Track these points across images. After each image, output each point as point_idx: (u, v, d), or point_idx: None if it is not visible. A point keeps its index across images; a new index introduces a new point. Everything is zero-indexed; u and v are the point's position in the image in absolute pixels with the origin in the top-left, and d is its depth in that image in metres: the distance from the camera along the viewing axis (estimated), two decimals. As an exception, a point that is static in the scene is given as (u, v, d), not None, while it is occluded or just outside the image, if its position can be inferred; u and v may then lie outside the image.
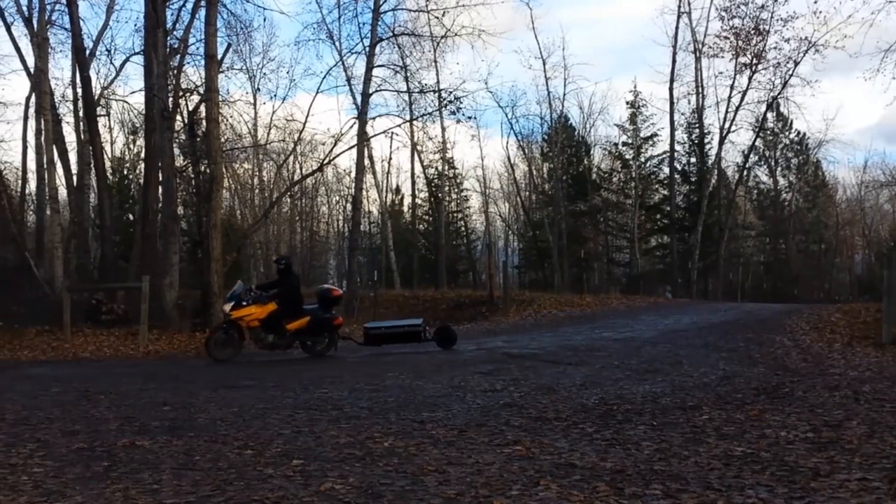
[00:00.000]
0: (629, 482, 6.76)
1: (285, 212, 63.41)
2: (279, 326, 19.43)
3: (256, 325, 19.37)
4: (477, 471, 7.26)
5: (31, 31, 34.22)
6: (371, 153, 50.28)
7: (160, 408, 11.31)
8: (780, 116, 62.54)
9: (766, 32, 49.76)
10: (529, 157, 63.68)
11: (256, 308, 19.38)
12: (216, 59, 27.01)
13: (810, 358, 15.51)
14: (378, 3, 39.28)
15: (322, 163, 39.22)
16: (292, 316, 19.48)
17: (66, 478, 7.31)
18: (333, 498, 6.50)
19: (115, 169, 55.08)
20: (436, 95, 42.98)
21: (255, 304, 19.44)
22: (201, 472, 7.45)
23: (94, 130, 32.92)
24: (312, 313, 19.62)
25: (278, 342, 19.57)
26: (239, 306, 19.34)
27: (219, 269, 25.64)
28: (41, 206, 37.29)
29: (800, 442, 8.18)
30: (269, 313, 19.38)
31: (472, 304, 34.20)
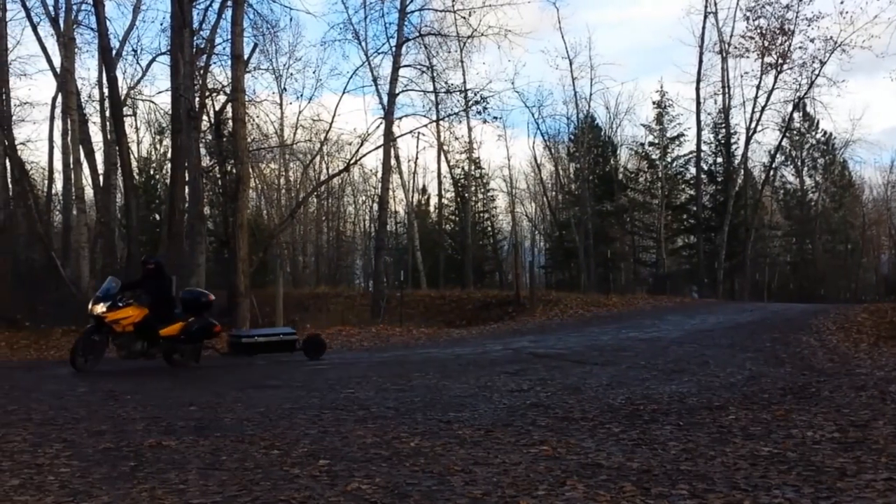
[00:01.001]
0: (655, 482, 6.75)
1: (312, 212, 63.40)
2: (153, 332, 17.65)
3: (131, 329, 17.40)
4: (503, 471, 7.25)
5: (57, 32, 34.32)
6: (397, 153, 50.38)
7: (186, 408, 11.32)
8: (807, 116, 62.42)
9: (792, 32, 49.71)
10: (556, 157, 63.57)
11: (134, 310, 17.52)
12: (242, 59, 27.06)
13: (837, 358, 15.47)
14: (404, 4, 39.21)
15: (348, 163, 39.17)
16: (165, 321, 17.79)
17: (93, 478, 7.32)
18: (360, 498, 6.50)
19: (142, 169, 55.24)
20: (462, 95, 43.09)
21: (131, 306, 17.58)
22: (228, 472, 7.46)
23: (121, 130, 32.97)
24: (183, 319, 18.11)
25: (149, 350, 17.76)
26: (115, 307, 17.34)
27: (245, 269, 25.68)
28: (67, 207, 37.48)
29: (826, 442, 8.17)
30: (144, 317, 17.50)
31: (498, 304, 34.14)
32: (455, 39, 45.57)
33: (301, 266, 62.82)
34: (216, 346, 19.68)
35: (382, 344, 22.95)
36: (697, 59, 53.42)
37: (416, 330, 26.89)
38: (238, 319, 24.91)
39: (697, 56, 53.47)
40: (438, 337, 24.49)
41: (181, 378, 15.43)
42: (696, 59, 53.75)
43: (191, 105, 27.44)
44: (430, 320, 31.83)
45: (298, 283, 53.66)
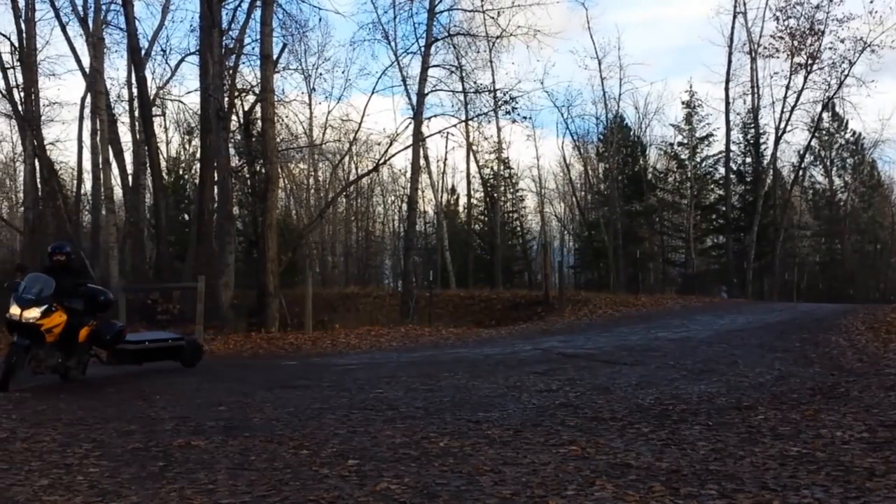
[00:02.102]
0: (684, 482, 6.75)
1: (341, 212, 63.52)
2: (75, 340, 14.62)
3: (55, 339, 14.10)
4: (532, 471, 7.26)
5: (86, 32, 34.51)
6: (426, 153, 50.32)
7: (215, 408, 11.35)
8: (836, 116, 62.22)
9: (822, 33, 49.63)
10: (585, 157, 63.68)
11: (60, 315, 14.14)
12: (272, 59, 27.14)
13: (866, 358, 15.39)
14: (433, 4, 39.20)
15: (377, 163, 39.34)
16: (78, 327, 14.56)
17: (122, 478, 7.36)
18: (389, 498, 6.51)
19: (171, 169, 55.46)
20: (491, 95, 43.16)
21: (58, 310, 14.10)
22: (257, 472, 7.48)
23: (150, 130, 33.14)
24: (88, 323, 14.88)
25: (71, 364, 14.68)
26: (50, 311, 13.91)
27: (274, 269, 25.74)
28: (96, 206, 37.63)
29: (855, 442, 8.14)
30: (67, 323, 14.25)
31: (527, 304, 34.12)
32: (484, 39, 45.69)
33: (330, 266, 62.93)
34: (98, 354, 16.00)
35: (411, 344, 22.93)
36: (726, 59, 53.61)
37: (445, 330, 26.87)
38: (267, 319, 24.98)
39: (726, 56, 53.64)
40: (467, 337, 24.47)
41: (210, 378, 15.42)
42: (725, 59, 53.88)
43: (220, 105, 27.52)
44: (459, 320, 31.83)
45: (327, 283, 53.68)
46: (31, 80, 35.52)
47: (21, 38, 35.24)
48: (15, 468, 7.82)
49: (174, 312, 27.61)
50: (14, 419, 10.60)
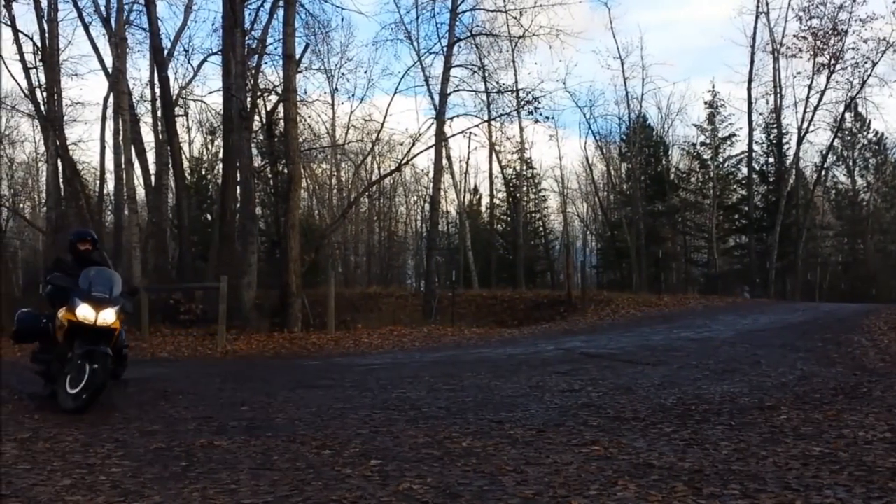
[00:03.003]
0: (707, 482, 6.75)
1: (363, 212, 63.50)
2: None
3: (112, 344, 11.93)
4: (555, 471, 7.27)
5: (109, 32, 34.56)
6: (449, 153, 50.27)
7: (238, 408, 11.38)
8: (858, 116, 62.00)
9: (844, 33, 49.47)
10: (607, 157, 63.58)
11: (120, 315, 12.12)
12: (294, 59, 27.18)
13: (888, 358, 15.37)
14: (456, 4, 39.20)
15: (400, 163, 39.33)
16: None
17: (144, 478, 7.39)
18: (411, 498, 6.53)
19: (194, 169, 55.53)
20: (514, 95, 43.21)
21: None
22: (279, 472, 7.51)
23: (172, 130, 33.21)
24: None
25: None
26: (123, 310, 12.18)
27: (297, 269, 25.77)
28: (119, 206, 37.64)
29: (878, 442, 8.14)
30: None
31: (550, 304, 34.11)
32: (506, 39, 45.73)
33: (353, 266, 62.94)
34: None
35: (434, 344, 22.93)
36: (749, 59, 53.47)
37: (467, 330, 26.87)
38: (290, 319, 25.03)
39: (749, 56, 53.51)
40: (490, 337, 24.47)
41: (232, 378, 15.44)
42: (748, 59, 53.83)
43: (242, 105, 27.57)
44: (481, 320, 31.83)
45: (350, 282, 53.72)
46: (54, 80, 35.67)
47: (44, 38, 35.40)
48: (38, 468, 7.86)
49: (197, 312, 27.65)
50: (37, 419, 10.65)
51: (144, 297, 24.73)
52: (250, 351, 22.13)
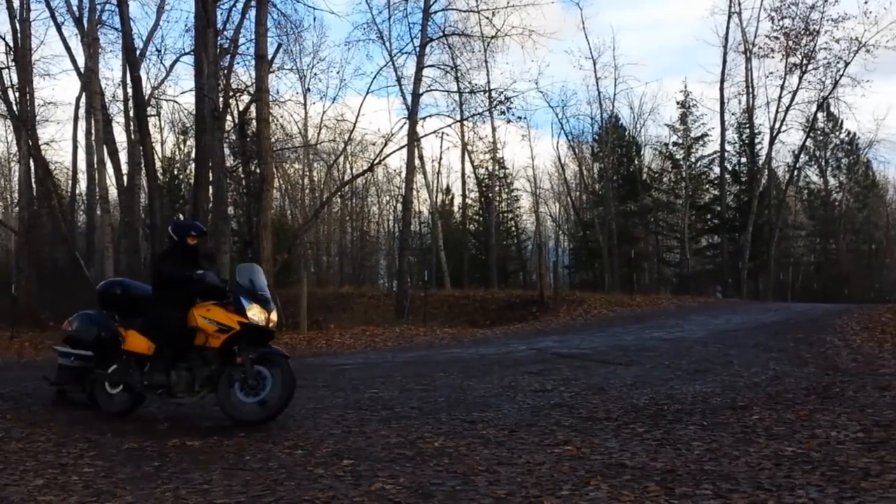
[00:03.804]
0: (680, 482, 6.78)
1: (336, 212, 63.44)
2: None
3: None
4: (527, 471, 7.30)
5: (81, 31, 34.39)
6: (421, 153, 50.31)
7: (211, 407, 11.35)
8: (831, 116, 62.15)
9: (817, 32, 49.55)
10: (580, 157, 63.47)
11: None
12: (266, 59, 27.11)
13: (861, 358, 15.44)
14: (428, 4, 39.19)
15: (372, 163, 39.15)
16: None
17: (117, 478, 7.41)
18: (384, 498, 6.55)
19: (166, 169, 55.32)
20: (486, 95, 43.08)
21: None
22: (252, 472, 7.52)
23: (145, 130, 33.04)
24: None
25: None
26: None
27: (269, 269, 25.68)
28: (91, 206, 37.60)
29: (850, 442, 8.19)
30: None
31: (522, 304, 34.16)
32: (479, 39, 45.56)
33: (325, 266, 62.88)
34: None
35: (406, 344, 22.94)
36: (721, 59, 53.40)
37: (439, 330, 26.89)
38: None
39: (721, 56, 53.44)
40: (462, 337, 24.48)
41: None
42: (720, 59, 53.70)
43: (215, 105, 27.47)
44: (453, 320, 31.86)
45: (322, 282, 53.66)
46: (26, 80, 35.47)
47: (16, 38, 35.17)
48: (10, 468, 7.86)
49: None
50: (9, 419, 10.63)
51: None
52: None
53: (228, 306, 10.78)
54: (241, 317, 10.60)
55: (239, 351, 10.56)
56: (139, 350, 10.92)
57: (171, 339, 10.82)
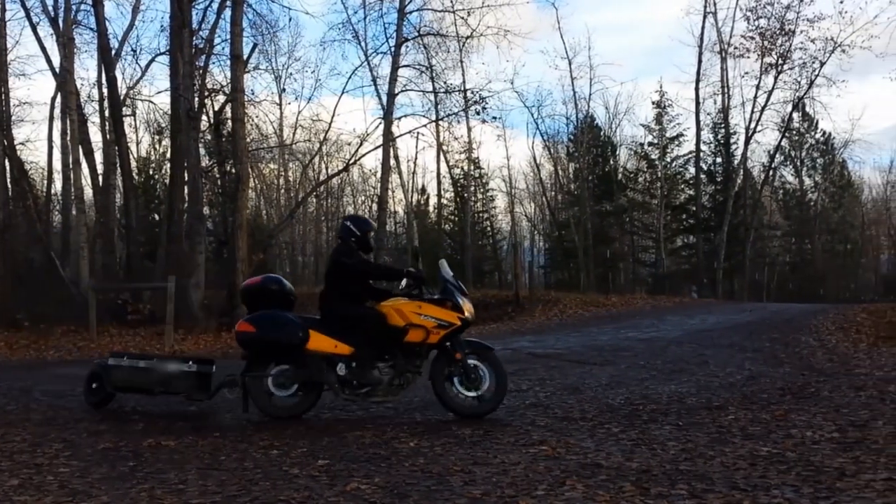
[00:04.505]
0: (655, 482, 6.78)
1: (311, 212, 63.46)
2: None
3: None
4: (503, 471, 7.29)
5: (56, 31, 34.27)
6: (397, 153, 50.27)
7: (186, 407, 11.36)
8: (806, 116, 62.47)
9: (792, 33, 49.71)
10: (555, 157, 63.59)
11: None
12: (242, 59, 27.09)
13: (836, 358, 15.48)
14: (403, 4, 39.39)
15: (348, 163, 39.17)
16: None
17: (92, 478, 7.37)
18: (359, 498, 6.53)
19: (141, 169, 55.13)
20: (461, 95, 43.13)
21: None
22: (227, 472, 7.49)
23: (120, 130, 33.00)
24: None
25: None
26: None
27: (245, 269, 25.69)
28: (67, 207, 37.51)
29: (825, 442, 8.19)
30: None
31: (497, 304, 34.11)
32: (454, 39, 45.69)
33: (300, 266, 62.88)
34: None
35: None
36: (696, 59, 53.58)
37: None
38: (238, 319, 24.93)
39: (697, 56, 53.64)
40: (437, 337, 24.46)
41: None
42: (696, 59, 53.91)
43: (190, 105, 27.44)
44: (429, 320, 31.77)
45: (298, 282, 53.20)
46: (1, 81, 35.37)
47: (-10, 39, 35.09)
48: (-16, 469, 7.80)
49: (144, 313, 27.52)
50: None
51: (92, 297, 24.58)
52: (198, 351, 22.02)
53: (445, 303, 10.81)
54: (459, 312, 10.73)
55: (454, 346, 10.68)
56: (327, 350, 10.73)
57: (377, 337, 10.73)
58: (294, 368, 10.70)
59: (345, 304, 10.86)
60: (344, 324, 10.75)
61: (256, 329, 10.61)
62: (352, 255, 11.09)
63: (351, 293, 10.93)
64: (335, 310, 10.83)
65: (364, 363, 10.69)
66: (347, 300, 10.90)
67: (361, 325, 10.71)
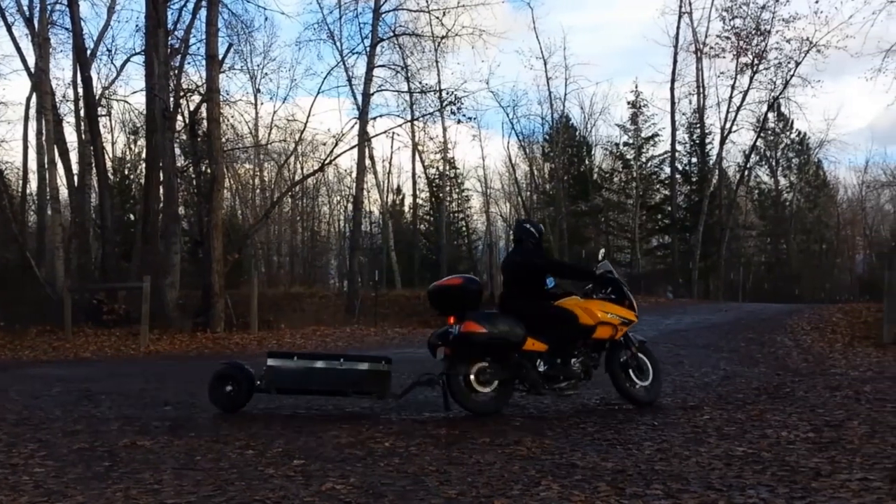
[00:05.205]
0: (630, 482, 6.78)
1: (286, 212, 63.31)
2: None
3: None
4: (478, 471, 7.28)
5: (32, 31, 34.18)
6: (372, 153, 50.30)
7: (161, 407, 11.34)
8: (781, 116, 62.53)
9: (768, 32, 49.79)
10: (530, 157, 63.56)
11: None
12: (217, 59, 27.05)
13: (811, 358, 15.56)
14: (379, 4, 39.40)
15: (323, 163, 39.05)
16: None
17: (68, 478, 7.33)
18: (335, 498, 6.51)
19: (117, 169, 54.94)
20: (437, 95, 43.14)
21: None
22: (202, 472, 7.47)
23: (96, 130, 32.90)
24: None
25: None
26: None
27: (220, 269, 25.68)
28: (42, 207, 37.37)
29: (801, 442, 8.22)
30: None
31: (473, 304, 34.17)
32: (429, 39, 45.79)
33: (276, 266, 62.78)
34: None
35: (357, 344, 22.92)
36: (672, 59, 53.50)
37: (390, 330, 26.96)
38: (213, 319, 24.94)
39: (672, 56, 53.55)
40: (413, 337, 24.47)
41: (155, 378, 15.33)
42: (671, 59, 53.81)
43: (165, 105, 27.38)
44: (404, 320, 31.84)
45: (273, 283, 53.48)
46: (-24, 80, 35.27)
47: (-34, 39, 35.05)
48: (-40, 470, 7.77)
49: (120, 313, 27.45)
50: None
51: (67, 297, 24.55)
52: (173, 351, 22.04)
53: (623, 301, 11.32)
54: (634, 310, 11.38)
55: (628, 341, 11.21)
56: (530, 348, 10.87)
57: (570, 335, 10.96)
58: (497, 366, 10.75)
59: (536, 304, 11.07)
60: (535, 322, 10.89)
61: (486, 329, 10.58)
62: (541, 255, 11.66)
63: (535, 292, 11.21)
64: (525, 309, 10.95)
65: (562, 359, 10.97)
66: (537, 299, 11.14)
67: (554, 324, 10.94)
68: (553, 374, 10.85)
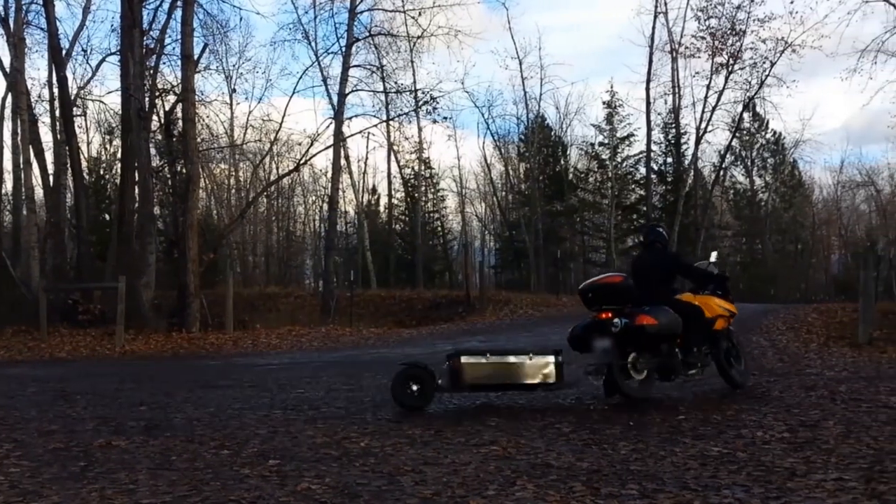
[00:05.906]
0: (605, 482, 6.79)
1: (262, 212, 63.18)
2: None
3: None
4: (453, 471, 7.28)
5: (7, 31, 34.06)
6: (347, 153, 50.25)
7: (137, 408, 11.31)
8: (757, 116, 62.67)
9: (743, 33, 49.78)
10: (506, 157, 63.75)
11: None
12: (192, 59, 27.02)
13: (787, 358, 15.62)
14: (354, 4, 39.37)
15: (298, 163, 39.13)
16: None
17: (43, 478, 7.31)
18: (310, 498, 6.51)
19: (92, 169, 54.76)
20: (412, 95, 43.18)
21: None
22: (178, 472, 7.46)
23: (71, 131, 32.83)
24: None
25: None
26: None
27: (195, 269, 25.64)
28: (17, 207, 37.30)
29: (776, 442, 8.24)
30: None
31: (448, 304, 34.24)
32: (405, 39, 45.97)
33: (251, 266, 62.67)
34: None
35: (332, 344, 22.96)
36: (647, 59, 53.43)
37: (366, 330, 27.03)
38: (188, 319, 24.90)
39: (647, 56, 53.49)
40: (388, 337, 24.55)
41: (130, 378, 15.31)
42: (647, 59, 53.77)
43: (141, 105, 27.35)
44: (380, 320, 31.92)
45: (248, 282, 53.41)
46: (-48, 81, 35.16)
47: (-59, 40, 34.84)
48: (-65, 469, 7.74)
49: (95, 312, 27.40)
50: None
51: (43, 297, 24.49)
52: (148, 351, 22.03)
53: (727, 296, 12.57)
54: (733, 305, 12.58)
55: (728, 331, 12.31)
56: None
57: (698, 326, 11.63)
58: (648, 355, 11.24)
59: (671, 301, 11.70)
60: (688, 315, 11.61)
61: (658, 322, 11.03)
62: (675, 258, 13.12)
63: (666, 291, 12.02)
64: (665, 304, 11.52)
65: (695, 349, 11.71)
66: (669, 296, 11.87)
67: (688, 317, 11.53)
68: (690, 361, 11.57)
